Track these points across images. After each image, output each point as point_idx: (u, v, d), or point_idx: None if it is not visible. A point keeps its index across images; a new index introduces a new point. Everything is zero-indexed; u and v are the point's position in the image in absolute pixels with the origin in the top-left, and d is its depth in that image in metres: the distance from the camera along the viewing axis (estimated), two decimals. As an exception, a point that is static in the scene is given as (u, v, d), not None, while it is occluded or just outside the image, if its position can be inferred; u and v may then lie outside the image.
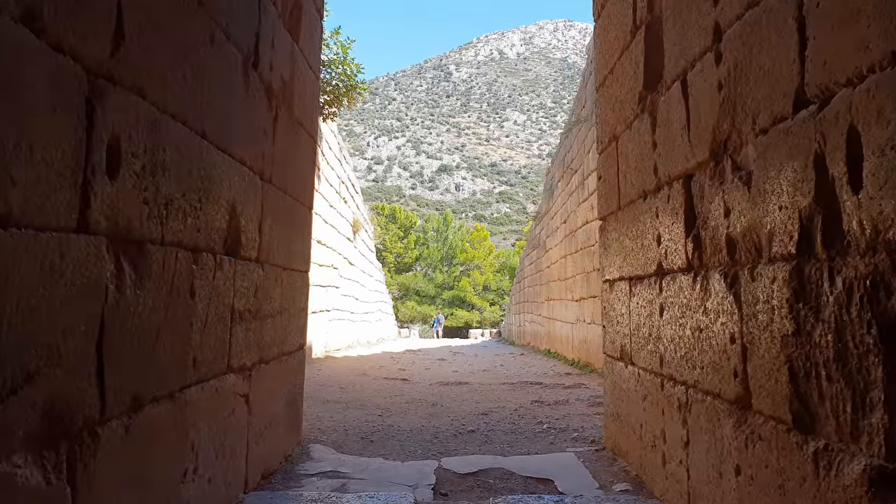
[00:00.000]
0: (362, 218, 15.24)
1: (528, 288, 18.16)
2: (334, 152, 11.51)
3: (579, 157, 10.56)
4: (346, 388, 6.79)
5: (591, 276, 9.64)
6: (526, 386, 7.43)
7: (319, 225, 10.34)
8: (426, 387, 7.33)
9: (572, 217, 11.07)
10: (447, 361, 11.65)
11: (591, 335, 9.53)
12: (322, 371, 8.65)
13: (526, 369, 10.19)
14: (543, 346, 14.67)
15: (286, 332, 3.51)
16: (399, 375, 8.57)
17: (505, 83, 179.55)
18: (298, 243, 3.79)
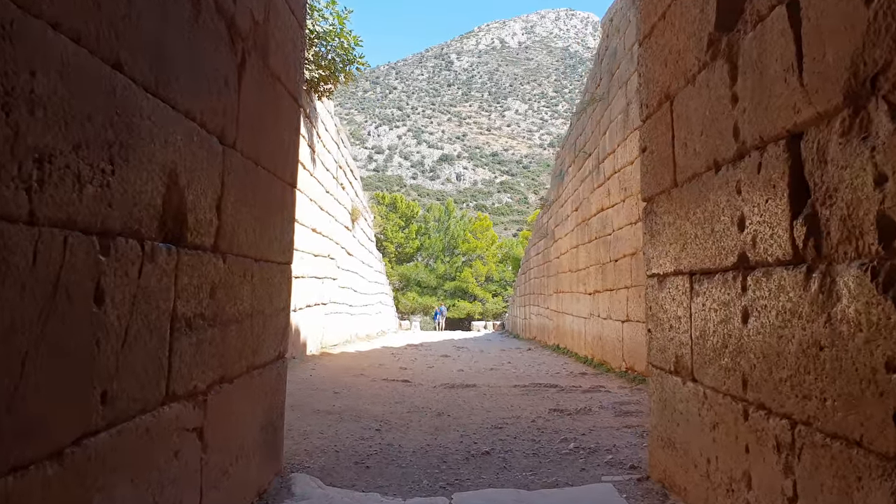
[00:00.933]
0: (361, 205, 14.50)
1: (535, 279, 17.46)
2: (331, 134, 10.79)
3: (594, 140, 9.83)
4: (341, 393, 6.10)
5: (606, 267, 8.94)
6: (540, 389, 6.74)
7: (314, 212, 9.64)
8: (430, 390, 6.64)
9: (585, 204, 10.36)
10: (451, 358, 10.96)
11: (608, 332, 8.85)
12: (316, 371, 7.97)
13: (536, 368, 9.51)
14: (552, 340, 13.99)
15: (260, 340, 2.81)
16: (400, 376, 7.88)
17: (506, 72, 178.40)
18: (276, 228, 3.09)
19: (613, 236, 8.59)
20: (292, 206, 3.47)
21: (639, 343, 7.45)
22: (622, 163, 8.20)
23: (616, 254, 8.45)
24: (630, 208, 7.84)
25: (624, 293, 8.08)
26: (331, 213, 10.96)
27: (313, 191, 9.51)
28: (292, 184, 3.46)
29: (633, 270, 7.67)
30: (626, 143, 8.01)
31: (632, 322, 7.75)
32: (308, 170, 9.05)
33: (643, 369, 7.29)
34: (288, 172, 3.37)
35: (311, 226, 9.47)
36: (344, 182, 12.30)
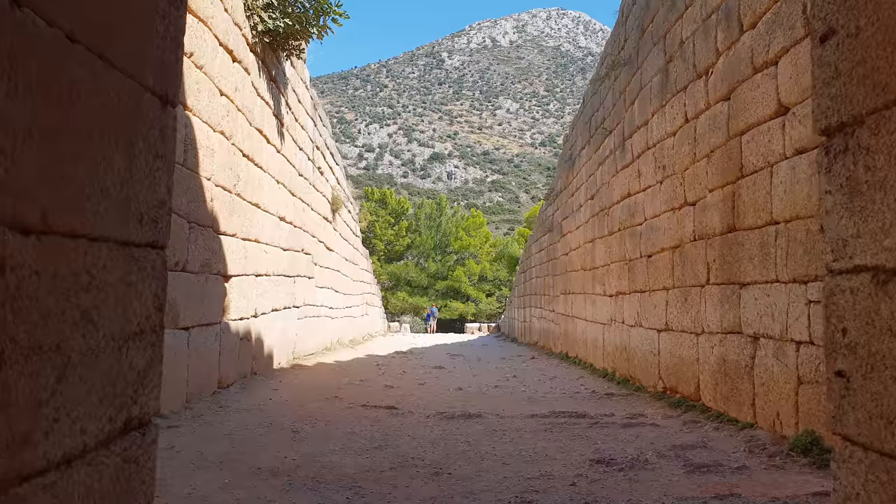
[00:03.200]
0: (344, 194, 12.87)
1: (537, 279, 15.90)
2: (305, 107, 9.17)
3: (616, 113, 8.28)
4: (303, 432, 4.51)
5: (635, 265, 7.39)
6: (565, 421, 5.17)
7: (283, 197, 8.03)
8: (422, 423, 5.06)
9: (604, 191, 8.80)
10: (446, 371, 9.38)
11: (637, 342, 7.29)
12: (279, 393, 6.37)
13: (548, 385, 7.94)
14: (558, 347, 12.43)
15: (70, 403, 1.23)
16: (384, 399, 6.29)
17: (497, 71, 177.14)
18: (115, 173, 1.48)
19: (646, 226, 7.04)
20: (170, 138, 1.86)
21: (684, 360, 5.91)
22: (659, 135, 6.65)
23: (650, 248, 6.90)
24: (671, 190, 6.29)
25: (661, 296, 6.54)
26: (305, 201, 9.35)
27: (281, 171, 7.91)
28: (166, 97, 1.85)
29: (677, 268, 6.12)
30: (665, 111, 6.46)
31: (673, 332, 6.21)
32: (273, 144, 7.45)
33: (691, 393, 5.74)
34: (154, 71, 1.75)
35: (279, 213, 7.86)
36: (322, 166, 10.68)
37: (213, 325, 5.75)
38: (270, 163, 7.39)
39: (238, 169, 6.24)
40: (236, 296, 6.35)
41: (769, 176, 4.41)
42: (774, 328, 4.31)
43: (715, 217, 5.28)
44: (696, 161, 5.72)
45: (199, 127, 5.21)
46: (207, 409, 5.17)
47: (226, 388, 6.11)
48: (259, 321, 7.19)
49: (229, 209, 6.02)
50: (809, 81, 4.19)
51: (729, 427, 4.78)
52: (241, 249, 6.41)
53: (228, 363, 6.19)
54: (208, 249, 5.50)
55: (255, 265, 6.95)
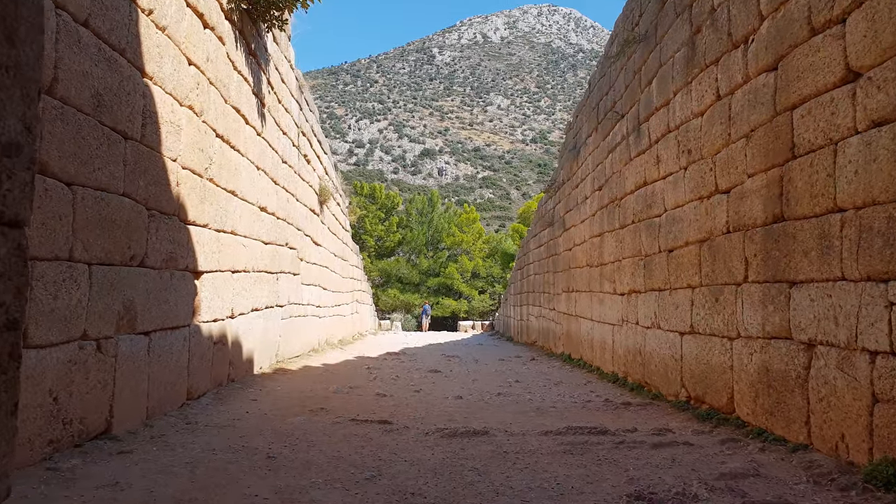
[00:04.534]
0: (332, 185, 12.09)
1: (535, 276, 15.21)
2: (290, 88, 8.42)
3: (630, 95, 7.60)
4: (280, 458, 3.80)
5: (652, 260, 6.72)
6: (585, 440, 4.48)
7: (264, 185, 7.29)
8: (420, 442, 4.37)
9: (615, 180, 8.12)
10: (442, 375, 8.68)
11: (654, 346, 6.63)
12: (258, 404, 5.65)
13: (555, 391, 7.27)
14: (560, 348, 11.75)
15: None
16: (376, 410, 5.59)
17: (488, 67, 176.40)
18: None
19: (666, 218, 6.36)
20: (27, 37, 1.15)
21: (713, 367, 5.25)
22: (683, 116, 5.98)
23: (671, 241, 6.22)
24: (699, 177, 5.62)
25: (685, 295, 5.87)
26: (289, 190, 8.61)
27: (262, 156, 7.17)
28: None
29: (705, 264, 5.45)
30: (691, 88, 5.78)
31: (699, 335, 5.54)
32: (253, 125, 6.71)
33: (722, 404, 5.08)
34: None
35: (259, 203, 7.13)
36: (309, 154, 9.93)
37: (181, 328, 5.02)
38: (249, 146, 6.66)
39: (210, 151, 5.51)
40: (209, 294, 5.62)
41: (832, 155, 3.73)
42: (839, 334, 3.63)
43: (756, 205, 4.60)
44: (730, 143, 5.04)
45: (161, 99, 4.48)
46: (171, 427, 4.45)
47: (196, 400, 5.39)
48: (236, 322, 6.47)
49: (199, 196, 5.29)
50: (892, 39, 3.52)
51: (777, 448, 4.11)
52: (214, 242, 5.69)
53: (200, 371, 5.47)
54: (173, 241, 4.77)
55: (232, 260, 6.23)
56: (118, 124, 3.90)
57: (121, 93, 3.91)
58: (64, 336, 3.38)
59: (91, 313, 3.65)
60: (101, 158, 3.71)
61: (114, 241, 3.89)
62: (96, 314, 3.72)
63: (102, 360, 3.80)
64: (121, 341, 4.02)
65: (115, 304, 3.93)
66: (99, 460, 3.49)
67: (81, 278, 3.53)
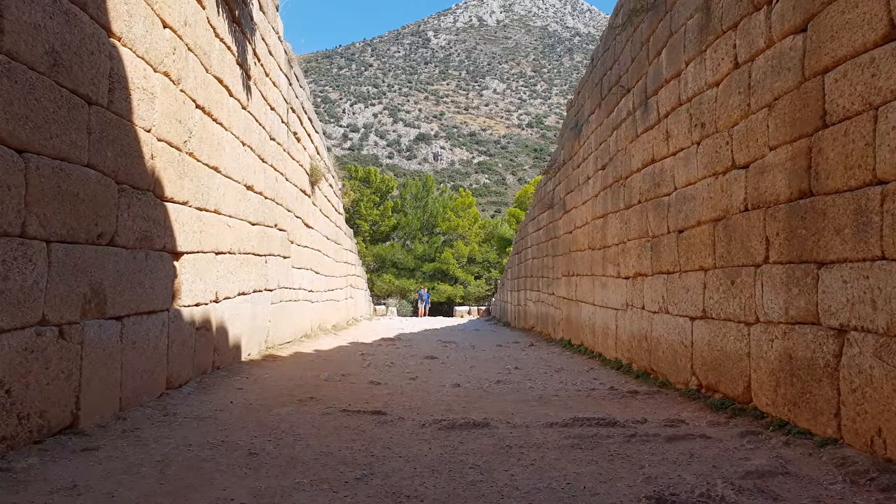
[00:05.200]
0: (324, 165, 11.65)
1: (534, 260, 14.86)
2: (278, 61, 8.00)
3: (637, 68, 7.22)
4: (262, 454, 3.46)
5: (660, 241, 6.38)
6: (594, 433, 4.15)
7: (250, 163, 6.91)
8: (416, 435, 4.04)
9: (620, 158, 7.76)
10: (439, 361, 8.36)
11: (662, 331, 6.31)
12: (243, 394, 5.31)
13: (556, 378, 6.94)
14: (559, 334, 11.43)
15: None
16: (369, 400, 5.26)
17: (484, 51, 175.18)
18: None
19: (676, 197, 6.02)
20: None
21: (728, 353, 4.93)
22: (696, 87, 5.61)
23: (681, 221, 5.88)
24: (713, 152, 5.27)
25: (696, 278, 5.54)
26: (278, 169, 8.22)
27: (248, 131, 6.78)
28: None
29: (720, 244, 5.12)
30: (705, 57, 5.41)
31: (712, 320, 5.22)
32: (237, 98, 6.31)
33: (738, 393, 4.76)
34: None
35: (245, 181, 6.74)
36: (299, 132, 9.52)
37: (159, 312, 4.66)
38: (234, 120, 6.27)
39: (190, 122, 5.12)
40: (190, 277, 5.26)
41: (871, 122, 3.38)
42: (877, 319, 3.30)
43: (779, 180, 4.25)
44: (750, 113, 4.69)
45: (131, 62, 4.09)
46: (147, 420, 4.10)
47: (177, 389, 5.04)
48: (222, 307, 6.11)
49: (178, 171, 4.91)
50: (947, -14, 3.16)
51: (803, 442, 3.78)
52: (195, 221, 5.31)
53: (181, 358, 5.12)
54: (148, 219, 4.40)
55: (216, 241, 5.86)
56: (80, 87, 3.52)
57: (82, 52, 3.52)
58: (17, 321, 3.01)
59: (51, 296, 3.29)
60: (60, 124, 3.33)
61: (77, 217, 3.52)
62: (58, 297, 3.35)
63: (66, 348, 3.45)
64: (88, 327, 3.66)
65: (81, 286, 3.57)
66: (59, 459, 3.15)
67: (38, 257, 3.17)
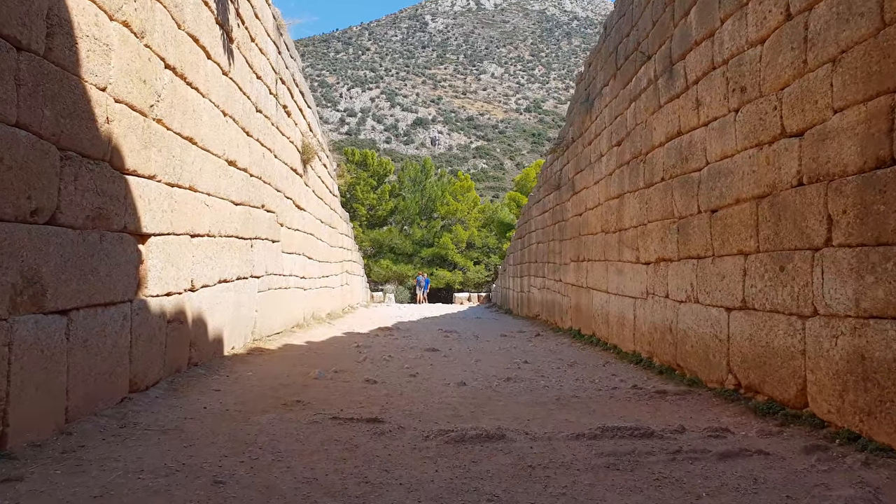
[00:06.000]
0: (317, 143, 10.93)
1: (538, 245, 14.20)
2: (265, 26, 7.28)
3: (659, 32, 6.54)
4: (229, 483, 2.81)
5: (689, 223, 5.73)
6: (630, 448, 3.52)
7: (232, 135, 6.22)
8: (419, 451, 3.40)
9: (640, 133, 7.08)
10: (441, 354, 7.72)
11: (688, 322, 5.68)
12: (220, 396, 4.66)
13: (571, 374, 6.31)
14: (567, 323, 10.80)
15: None
16: (365, 404, 4.61)
17: (482, 35, 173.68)
18: None
19: (708, 172, 5.35)
20: None
21: (776, 350, 4.30)
22: (734, 47, 4.93)
23: (715, 200, 5.22)
24: (756, 119, 4.60)
25: (735, 263, 4.89)
26: (265, 145, 7.53)
27: (230, 100, 6.09)
28: None
29: (765, 224, 4.47)
30: (747, 11, 4.73)
31: (755, 311, 4.57)
32: (217, 61, 5.61)
33: (790, 397, 4.13)
34: None
35: (227, 156, 6.06)
36: (289, 105, 8.82)
37: (119, 304, 4.00)
38: (213, 86, 5.58)
39: (157, 84, 4.44)
40: (160, 262, 4.60)
41: None
42: None
43: (848, 147, 3.59)
44: (806, 72, 4.02)
45: (77, 4, 3.41)
46: (98, 434, 3.45)
47: (143, 392, 4.39)
48: (199, 296, 5.45)
49: (143, 139, 4.23)
50: None
51: (887, 462, 3.14)
52: (164, 199, 4.64)
53: (148, 356, 4.47)
54: (102, 194, 3.73)
55: (191, 222, 5.19)
56: (3, 27, 2.84)
57: (4, -18, 2.83)
58: (-90, 320, 2.36)
59: (-35, 287, 2.63)
60: (-27, 70, 2.65)
61: (1, 189, 2.85)
62: (-25, 288, 2.70)
63: (-12, 351, 2.79)
64: (19, 324, 3.00)
65: (9, 274, 2.91)
66: (-31, 493, 2.50)
67: (-59, 238, 2.51)
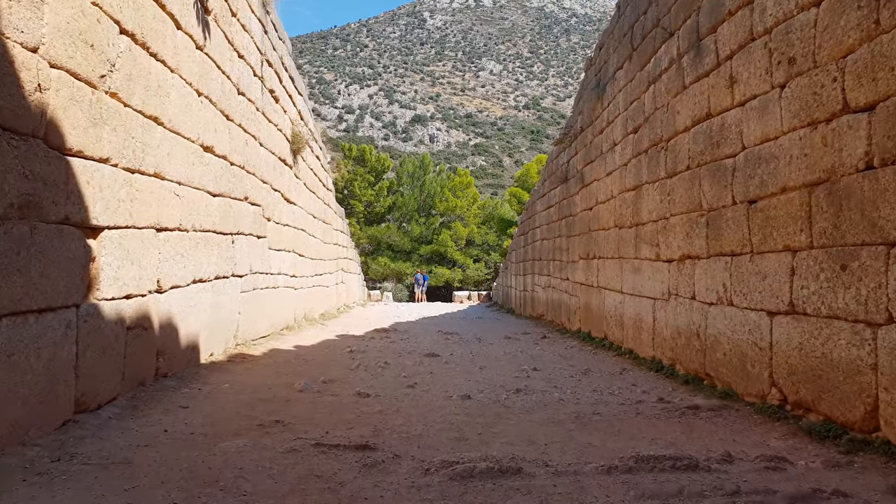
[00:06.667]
0: (308, 132, 10.24)
1: (543, 241, 13.55)
2: (249, 0, 6.63)
3: (683, 5, 5.89)
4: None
5: (721, 215, 5.09)
6: (675, 485, 2.88)
7: (210, 118, 5.56)
8: (419, 492, 2.77)
9: (660, 117, 6.44)
10: (442, 360, 7.08)
11: (720, 326, 5.04)
12: (186, 415, 4.00)
13: (586, 383, 5.68)
14: (575, 325, 10.16)
15: None
16: (355, 424, 3.96)
17: (480, 31, 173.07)
18: None
19: (745, 158, 4.71)
20: None
21: (835, 363, 3.67)
22: (779, 13, 4.29)
23: (754, 189, 4.58)
24: (808, 95, 3.96)
25: (780, 260, 4.25)
26: (249, 131, 6.87)
27: (206, 79, 5.43)
28: None
29: (819, 216, 3.83)
30: (797, -30, 4.08)
31: (807, 317, 3.94)
32: (189, 33, 4.95)
33: (855, 418, 3.50)
34: None
35: (203, 141, 5.41)
36: (277, 90, 8.15)
37: (58, 310, 3.36)
38: (185, 61, 4.92)
39: (111, 51, 3.79)
40: (117, 260, 3.95)
41: None
42: None
43: (939, 121, 2.95)
44: (879, 33, 3.38)
45: (-6, -59, 2.76)
46: (19, 473, 2.80)
47: (94, 412, 3.74)
48: (168, 298, 4.80)
49: (91, 115, 3.58)
50: None
51: None
52: (121, 186, 3.99)
53: (102, 369, 3.82)
54: (33, 177, 3.08)
55: (157, 213, 4.54)
56: None
57: None
58: None
59: None
60: None
61: None
62: None
63: None
64: None
65: None
66: None
67: None
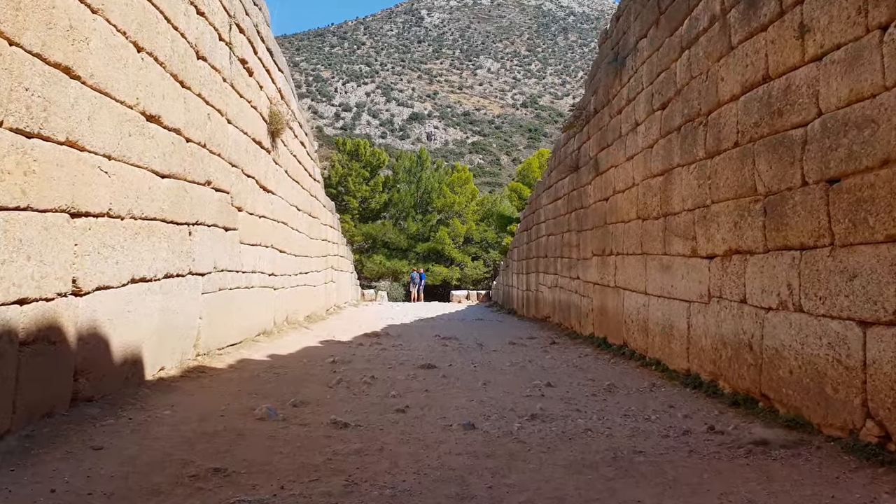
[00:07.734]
0: (289, 113, 9.14)
1: (550, 237, 12.52)
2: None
3: (731, -51, 4.88)
4: None
5: (787, 199, 4.10)
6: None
7: (155, 80, 4.53)
8: None
9: (698, 87, 5.44)
10: (439, 373, 6.07)
11: (784, 338, 4.05)
12: (96, 461, 2.99)
13: (613, 404, 4.68)
14: (587, 329, 9.15)
15: None
16: (322, 473, 2.95)
17: (478, 29, 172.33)
18: None
19: (821, 125, 3.72)
20: None
21: None
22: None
23: (837, 164, 3.59)
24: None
25: (880, 255, 3.26)
26: (213, 104, 5.85)
27: (149, 31, 4.41)
28: None
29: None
30: None
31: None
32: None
33: None
34: None
35: (144, 108, 4.39)
36: (251, 62, 7.11)
37: None
38: (113, 1, 3.91)
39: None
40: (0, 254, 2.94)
41: None
42: None
43: None
44: None
45: None
46: None
47: (-37, 460, 2.73)
48: (92, 302, 3.79)
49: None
50: None
51: None
52: (6, 154, 2.98)
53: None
54: None
55: (71, 193, 3.53)
56: None
57: None
58: None
59: None
60: None
61: None
62: None
63: None
64: None
65: None
66: None
67: None
